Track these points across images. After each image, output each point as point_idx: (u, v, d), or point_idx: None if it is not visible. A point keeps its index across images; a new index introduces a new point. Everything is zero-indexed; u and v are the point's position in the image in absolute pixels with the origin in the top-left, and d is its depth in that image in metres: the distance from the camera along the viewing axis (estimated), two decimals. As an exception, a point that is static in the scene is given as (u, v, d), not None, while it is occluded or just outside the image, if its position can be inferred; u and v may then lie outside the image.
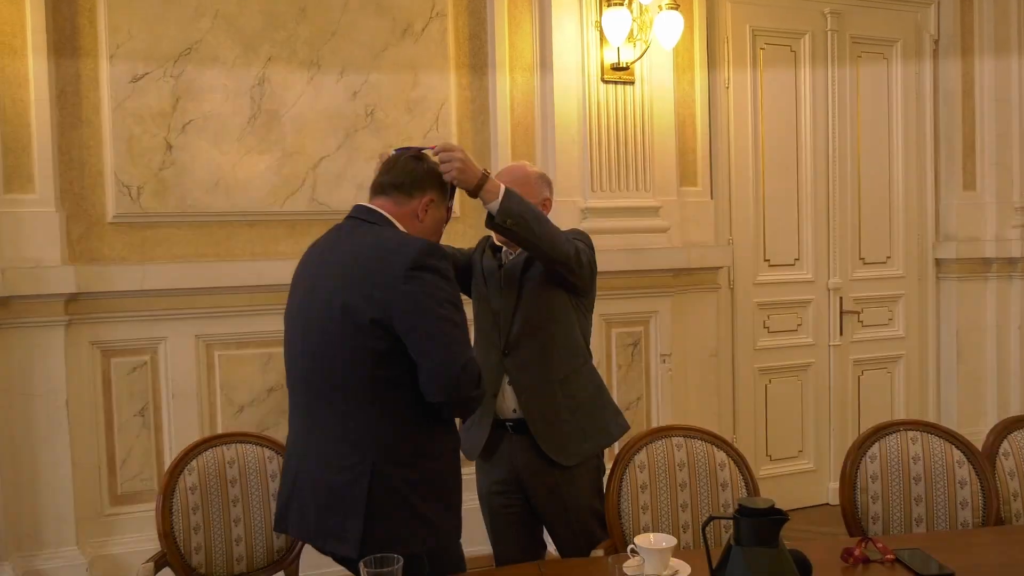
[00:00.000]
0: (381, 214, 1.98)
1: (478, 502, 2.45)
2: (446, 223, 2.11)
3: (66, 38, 3.08)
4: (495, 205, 2.09)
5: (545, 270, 2.27)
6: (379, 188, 2.03)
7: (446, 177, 2.04)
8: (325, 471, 1.88)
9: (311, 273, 2.01)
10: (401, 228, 1.98)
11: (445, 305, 1.86)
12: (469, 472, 2.24)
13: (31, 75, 2.99)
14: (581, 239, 2.34)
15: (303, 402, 1.98)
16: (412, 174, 2.02)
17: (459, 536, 2.00)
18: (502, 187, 2.11)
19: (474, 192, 2.08)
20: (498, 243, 2.41)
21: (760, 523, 1.47)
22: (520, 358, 2.31)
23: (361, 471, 1.84)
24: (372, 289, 1.84)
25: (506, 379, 2.32)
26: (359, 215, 2.01)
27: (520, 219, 2.11)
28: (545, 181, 2.45)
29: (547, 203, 2.42)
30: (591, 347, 2.46)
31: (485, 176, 2.09)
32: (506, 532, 2.43)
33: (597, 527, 2.33)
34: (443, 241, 2.10)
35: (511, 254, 2.40)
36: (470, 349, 1.91)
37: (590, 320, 2.44)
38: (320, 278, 1.96)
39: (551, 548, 3.58)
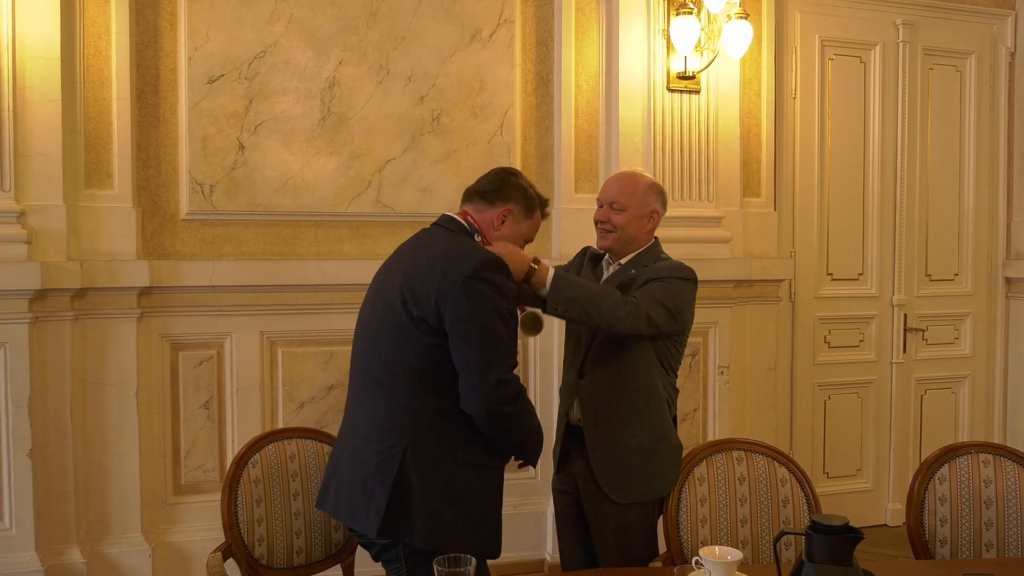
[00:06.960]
0: (460, 223, 2.06)
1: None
2: (526, 242, 2.16)
3: (148, 40, 3.18)
4: (544, 293, 2.13)
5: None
6: (466, 195, 2.12)
7: None
8: (363, 451, 1.96)
9: (386, 270, 2.09)
10: (479, 238, 2.04)
11: (494, 318, 1.89)
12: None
13: (114, 75, 3.10)
14: (663, 294, 2.21)
15: (356, 386, 2.06)
16: (495, 183, 2.10)
17: (483, 554, 1.95)
18: (550, 275, 2.13)
19: (524, 282, 2.12)
20: (601, 249, 2.41)
21: (835, 540, 1.45)
22: (593, 383, 2.30)
23: (392, 454, 1.90)
24: (429, 291, 1.89)
25: (577, 402, 2.33)
26: (442, 223, 2.08)
27: (572, 304, 2.14)
28: (655, 192, 2.35)
29: (655, 215, 2.35)
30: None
31: (532, 268, 2.12)
32: (564, 528, 2.46)
33: (645, 553, 2.30)
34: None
35: (612, 264, 2.39)
36: (509, 367, 1.91)
37: (675, 362, 2.36)
38: (390, 275, 2.04)
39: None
